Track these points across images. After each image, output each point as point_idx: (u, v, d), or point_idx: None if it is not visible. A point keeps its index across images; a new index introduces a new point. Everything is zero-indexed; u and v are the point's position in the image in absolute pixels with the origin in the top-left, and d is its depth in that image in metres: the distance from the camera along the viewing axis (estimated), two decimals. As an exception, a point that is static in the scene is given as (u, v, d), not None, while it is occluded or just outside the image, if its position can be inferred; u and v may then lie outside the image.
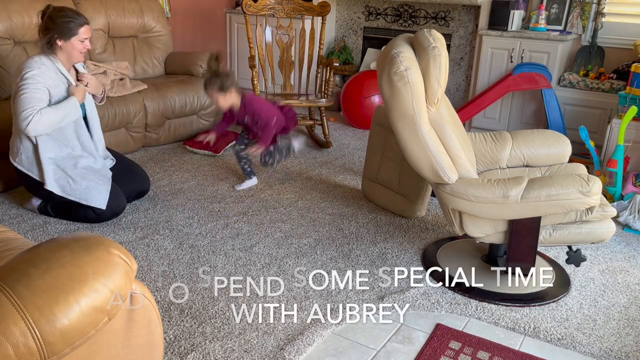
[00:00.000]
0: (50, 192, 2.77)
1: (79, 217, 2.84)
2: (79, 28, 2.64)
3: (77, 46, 2.67)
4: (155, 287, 2.31)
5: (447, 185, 2.20)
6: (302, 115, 4.53)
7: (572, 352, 2.03)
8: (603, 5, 4.14)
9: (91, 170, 2.82)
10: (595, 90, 4.12)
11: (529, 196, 2.10)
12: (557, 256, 2.69)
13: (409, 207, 3.00)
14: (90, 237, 1.18)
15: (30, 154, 2.75)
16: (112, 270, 1.13)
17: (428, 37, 2.21)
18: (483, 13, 4.45)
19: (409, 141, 2.19)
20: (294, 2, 4.20)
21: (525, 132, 2.68)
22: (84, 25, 2.66)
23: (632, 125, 3.36)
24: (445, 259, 2.59)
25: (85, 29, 2.67)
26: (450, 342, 2.03)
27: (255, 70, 4.01)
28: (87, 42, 2.70)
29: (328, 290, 2.34)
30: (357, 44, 5.49)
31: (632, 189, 3.20)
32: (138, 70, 4.28)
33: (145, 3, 4.39)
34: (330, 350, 1.98)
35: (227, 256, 2.58)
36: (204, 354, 1.92)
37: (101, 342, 1.14)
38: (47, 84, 2.64)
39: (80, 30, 2.65)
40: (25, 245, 1.61)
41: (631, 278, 2.53)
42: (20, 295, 1.00)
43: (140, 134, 3.91)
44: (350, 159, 3.97)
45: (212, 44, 5.73)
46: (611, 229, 2.27)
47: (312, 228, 2.89)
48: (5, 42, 3.58)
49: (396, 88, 2.12)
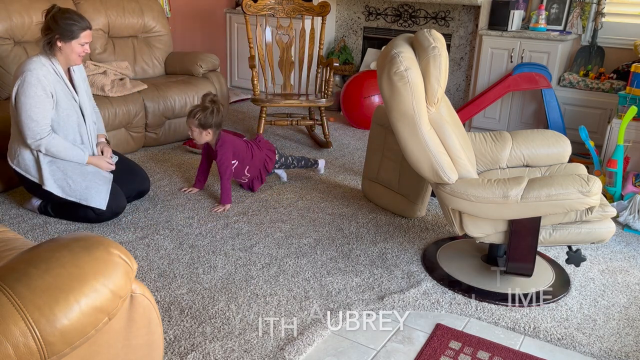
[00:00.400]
0: (50, 193, 2.77)
1: (79, 217, 2.84)
2: (81, 32, 2.66)
3: (77, 49, 2.68)
4: (155, 287, 2.31)
5: (447, 185, 2.20)
6: (302, 115, 4.53)
7: (572, 352, 2.03)
8: (603, 5, 4.14)
9: (91, 170, 2.82)
10: (595, 90, 4.12)
11: (529, 196, 2.10)
12: (557, 256, 2.69)
13: (409, 207, 3.00)
14: (90, 237, 1.18)
15: (29, 156, 2.75)
16: (112, 270, 1.13)
17: (428, 37, 2.21)
18: (483, 13, 4.45)
19: (409, 141, 2.19)
20: (294, 2, 4.20)
21: (525, 132, 2.68)
22: (85, 30, 2.68)
23: (632, 125, 3.36)
24: (445, 259, 2.59)
25: (87, 34, 2.69)
26: (450, 342, 2.03)
27: (255, 70, 4.01)
28: (86, 46, 2.72)
29: (328, 290, 2.34)
30: (357, 44, 5.49)
31: (632, 189, 3.20)
32: (138, 70, 4.28)
33: (145, 3, 4.39)
34: (330, 350, 1.98)
35: (227, 256, 2.59)
36: (204, 354, 1.92)
37: (101, 342, 1.14)
38: (50, 89, 2.65)
39: (82, 34, 2.67)
40: (25, 245, 1.61)
41: (631, 278, 2.53)
42: (20, 295, 1.00)
43: (140, 134, 3.91)
44: (350, 159, 3.97)
45: (213, 44, 5.74)
46: (611, 229, 2.27)
47: (312, 228, 2.89)
48: (5, 42, 3.58)
49: (396, 88, 2.12)
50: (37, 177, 2.76)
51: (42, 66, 2.64)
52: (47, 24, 2.63)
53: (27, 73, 2.60)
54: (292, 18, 4.24)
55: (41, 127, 2.65)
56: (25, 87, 2.60)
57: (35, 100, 2.61)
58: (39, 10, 3.73)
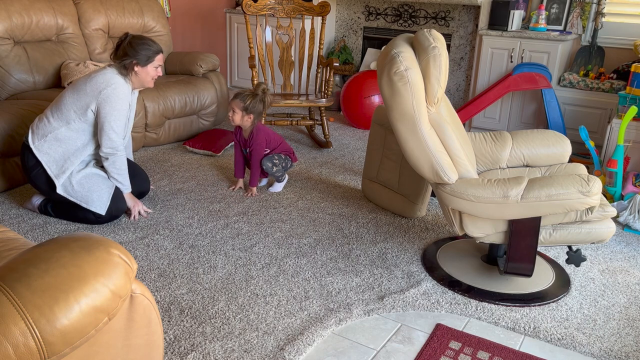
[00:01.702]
0: (53, 190, 2.77)
1: (78, 218, 2.84)
2: (156, 55, 2.82)
3: (152, 72, 2.83)
4: (155, 287, 2.31)
5: (447, 185, 2.20)
6: (302, 115, 4.53)
7: (572, 352, 2.03)
8: (603, 5, 4.14)
9: (97, 174, 2.83)
10: (595, 90, 4.12)
11: (529, 196, 2.10)
12: (557, 256, 2.69)
13: (409, 207, 3.00)
14: (90, 237, 1.18)
15: (60, 152, 2.77)
16: (112, 270, 1.13)
17: (428, 37, 2.21)
18: (483, 13, 4.45)
19: (409, 141, 2.19)
20: (294, 2, 4.20)
21: (525, 132, 2.68)
22: (159, 53, 2.84)
23: (632, 125, 3.36)
24: (445, 259, 2.59)
25: (160, 57, 2.86)
26: (450, 342, 2.03)
27: (255, 70, 4.01)
28: (159, 69, 2.86)
29: (328, 290, 2.34)
30: (357, 44, 5.49)
31: (632, 189, 3.20)
32: (138, 70, 4.28)
33: (145, 3, 4.39)
34: (330, 350, 1.98)
35: (227, 256, 2.59)
36: (204, 354, 1.92)
37: (101, 342, 1.14)
38: (127, 105, 2.82)
39: (156, 57, 2.83)
40: (25, 245, 1.61)
41: (631, 278, 2.53)
42: (20, 295, 1.00)
43: (140, 134, 3.91)
44: (350, 159, 3.97)
45: (213, 44, 5.74)
46: (611, 229, 2.27)
47: (312, 228, 2.89)
48: (5, 42, 3.58)
49: (396, 88, 2.12)
50: (55, 173, 2.77)
51: (124, 83, 2.77)
52: (124, 50, 2.76)
53: (117, 86, 2.73)
54: (292, 18, 4.24)
55: (119, 140, 2.79)
56: (113, 98, 2.72)
57: (120, 113, 2.76)
58: (39, 10, 3.74)
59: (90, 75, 2.78)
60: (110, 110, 2.72)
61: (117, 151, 2.79)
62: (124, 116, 2.79)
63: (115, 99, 2.72)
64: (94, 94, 2.72)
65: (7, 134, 3.08)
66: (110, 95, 2.71)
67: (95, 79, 2.74)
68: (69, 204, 2.82)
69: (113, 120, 2.74)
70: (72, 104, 2.74)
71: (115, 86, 2.73)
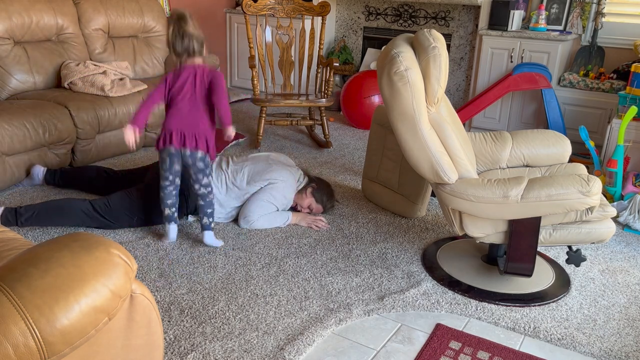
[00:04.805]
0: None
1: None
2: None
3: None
4: (155, 287, 2.31)
5: (447, 185, 2.20)
6: (302, 115, 4.53)
7: (572, 352, 2.03)
8: (603, 5, 4.14)
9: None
10: (595, 90, 4.12)
11: (529, 196, 2.10)
12: (557, 256, 2.69)
13: (409, 207, 3.00)
14: (90, 237, 1.18)
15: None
16: (112, 270, 1.13)
17: (428, 37, 2.20)
18: (483, 13, 4.45)
19: (409, 141, 2.19)
20: (294, 2, 4.20)
21: (525, 132, 2.68)
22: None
23: (632, 125, 3.36)
24: (445, 259, 2.59)
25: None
26: (450, 342, 2.03)
27: (255, 70, 4.01)
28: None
29: (328, 290, 2.34)
30: (357, 44, 5.49)
31: (632, 189, 3.20)
32: (138, 70, 4.28)
33: (145, 3, 4.39)
34: (330, 350, 1.98)
35: (227, 256, 2.58)
36: (204, 354, 1.92)
37: (101, 342, 1.14)
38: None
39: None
40: (25, 245, 1.61)
41: (631, 278, 2.53)
42: (20, 295, 1.00)
43: (140, 134, 3.89)
44: (350, 159, 3.97)
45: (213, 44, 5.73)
46: (611, 229, 2.27)
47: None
48: (5, 42, 3.57)
49: (396, 88, 2.12)
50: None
51: (292, 185, 2.99)
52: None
53: (289, 180, 2.94)
54: (292, 18, 4.24)
55: (260, 211, 2.88)
56: (281, 184, 2.92)
57: (278, 198, 2.93)
58: (39, 10, 3.74)
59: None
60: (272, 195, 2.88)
61: (257, 217, 2.86)
62: (274, 206, 2.90)
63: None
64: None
65: (7, 133, 3.08)
66: (282, 184, 2.90)
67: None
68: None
69: (271, 206, 2.89)
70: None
71: (288, 179, 2.93)
